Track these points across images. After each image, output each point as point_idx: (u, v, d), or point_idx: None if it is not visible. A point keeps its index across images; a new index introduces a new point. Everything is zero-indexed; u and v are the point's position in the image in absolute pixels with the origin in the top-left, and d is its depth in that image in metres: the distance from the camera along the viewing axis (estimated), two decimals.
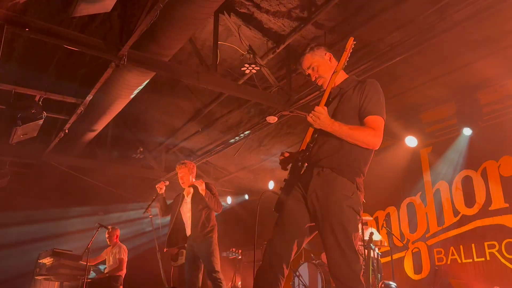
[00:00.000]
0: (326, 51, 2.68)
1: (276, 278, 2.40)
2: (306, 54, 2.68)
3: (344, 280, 2.25)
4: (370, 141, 2.41)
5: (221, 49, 5.42)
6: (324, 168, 2.43)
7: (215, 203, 4.79)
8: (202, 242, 4.74)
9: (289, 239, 2.46)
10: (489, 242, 5.69)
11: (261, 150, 8.63)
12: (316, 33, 5.19)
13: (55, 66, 5.88)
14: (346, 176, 2.40)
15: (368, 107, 2.45)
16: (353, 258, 2.27)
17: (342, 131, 2.38)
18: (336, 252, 2.28)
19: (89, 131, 6.82)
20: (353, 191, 2.39)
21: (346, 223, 2.31)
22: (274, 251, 2.45)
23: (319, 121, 2.37)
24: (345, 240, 2.28)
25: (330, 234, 2.31)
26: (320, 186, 2.41)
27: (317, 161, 2.46)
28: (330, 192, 2.37)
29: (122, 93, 5.56)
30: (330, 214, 2.33)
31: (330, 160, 2.43)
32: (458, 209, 6.18)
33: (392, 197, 7.16)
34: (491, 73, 5.27)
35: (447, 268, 6.06)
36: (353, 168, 2.43)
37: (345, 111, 2.48)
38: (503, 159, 5.76)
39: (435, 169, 6.63)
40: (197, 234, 4.75)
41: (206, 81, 5.22)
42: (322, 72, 2.63)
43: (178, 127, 7.99)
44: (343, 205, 2.33)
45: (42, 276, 5.93)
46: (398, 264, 6.71)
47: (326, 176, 2.41)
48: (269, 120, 6.41)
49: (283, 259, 2.43)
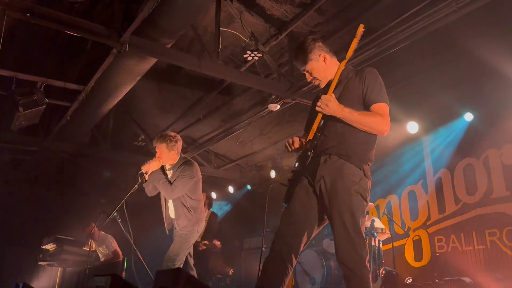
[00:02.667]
0: (320, 52, 2.61)
1: (285, 267, 2.43)
2: (301, 57, 2.65)
3: (349, 265, 2.28)
4: (379, 127, 2.44)
5: (223, 36, 5.39)
6: (332, 155, 2.45)
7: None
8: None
9: (299, 230, 2.48)
10: (490, 230, 5.71)
11: (263, 138, 8.63)
12: (319, 19, 5.16)
13: (56, 53, 5.85)
14: (354, 163, 2.42)
15: (373, 95, 2.47)
16: (359, 243, 2.29)
17: (352, 117, 2.40)
18: (344, 237, 2.31)
19: (91, 119, 6.82)
20: (361, 177, 2.42)
21: (354, 209, 2.33)
22: (283, 240, 2.47)
23: (328, 108, 2.38)
24: (352, 225, 2.31)
25: (338, 219, 2.33)
26: (327, 172, 2.43)
27: (325, 149, 2.48)
28: (338, 178, 2.39)
29: (123, 80, 5.55)
30: (338, 199, 2.35)
31: (338, 147, 2.45)
32: (460, 197, 6.19)
33: (393, 185, 7.17)
34: (495, 60, 5.24)
35: (448, 256, 6.10)
36: (360, 155, 2.46)
37: (349, 101, 2.49)
38: (506, 147, 5.76)
39: (436, 157, 6.64)
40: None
41: (207, 68, 5.20)
42: (316, 75, 2.64)
43: (179, 115, 7.99)
44: (351, 191, 2.36)
45: (45, 261, 6.00)
46: (399, 251, 6.75)
47: (334, 163, 2.44)
48: (271, 107, 6.39)
49: (292, 249, 2.45)
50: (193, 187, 4.14)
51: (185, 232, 4.11)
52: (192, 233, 4.13)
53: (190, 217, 4.09)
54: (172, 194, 4.04)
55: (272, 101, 6.33)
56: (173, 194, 4.04)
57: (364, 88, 2.49)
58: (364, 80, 2.50)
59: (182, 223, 4.12)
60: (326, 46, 2.66)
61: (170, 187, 3.99)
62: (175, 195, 4.04)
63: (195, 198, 4.13)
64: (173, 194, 4.04)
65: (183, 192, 4.07)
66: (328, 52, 2.64)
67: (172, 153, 4.13)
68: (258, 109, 6.89)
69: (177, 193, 4.03)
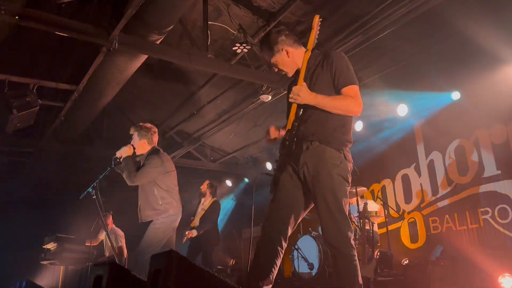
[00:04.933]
0: (283, 46, 2.67)
1: (275, 250, 2.52)
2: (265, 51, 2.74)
3: (335, 244, 2.38)
4: (353, 108, 2.53)
5: (212, 30, 5.43)
6: (313, 141, 2.54)
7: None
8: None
9: (286, 214, 2.57)
10: (483, 209, 5.83)
11: (257, 129, 8.70)
12: (306, 9, 5.20)
13: (47, 54, 5.88)
14: (334, 147, 2.52)
15: (341, 79, 2.55)
16: (343, 222, 2.39)
17: (325, 103, 2.49)
18: (328, 217, 2.40)
19: (85, 118, 6.86)
20: (341, 160, 2.52)
21: (336, 190, 2.43)
22: (272, 226, 2.56)
23: (300, 98, 2.48)
24: (335, 206, 2.40)
25: (321, 201, 2.43)
26: (310, 158, 2.52)
27: (306, 137, 2.57)
28: (319, 162, 2.49)
29: (115, 77, 5.59)
30: (321, 182, 2.45)
31: (317, 134, 2.55)
32: (452, 178, 6.30)
33: (387, 170, 7.28)
34: (484, 40, 5.29)
35: (442, 236, 6.22)
36: (339, 138, 2.56)
37: (320, 87, 2.57)
38: (495, 127, 5.86)
39: (428, 140, 6.73)
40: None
41: (198, 63, 5.26)
42: (281, 67, 2.75)
43: (173, 110, 8.04)
44: (332, 173, 2.45)
45: (47, 261, 6.08)
46: (395, 234, 6.87)
47: (315, 149, 2.53)
48: (263, 99, 6.47)
49: (281, 233, 2.54)
50: (161, 177, 4.13)
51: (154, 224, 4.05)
52: (163, 224, 4.05)
53: (157, 207, 4.06)
54: (131, 180, 4.04)
55: (264, 92, 6.40)
56: (132, 181, 4.04)
57: (332, 73, 2.58)
58: (331, 64, 2.57)
59: (146, 213, 4.10)
60: (290, 38, 2.70)
61: (131, 174, 4.02)
62: (135, 182, 4.04)
63: (165, 188, 4.11)
64: (132, 181, 4.04)
65: (144, 180, 4.07)
66: (292, 45, 2.69)
67: (143, 141, 4.23)
68: (250, 100, 6.96)
69: (137, 180, 4.03)
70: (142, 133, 4.24)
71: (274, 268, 2.50)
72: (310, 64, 2.65)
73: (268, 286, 2.49)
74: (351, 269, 2.37)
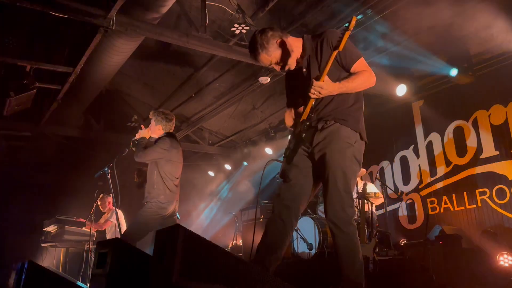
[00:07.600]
0: (275, 39, 2.54)
1: (285, 228, 2.51)
2: (261, 55, 2.56)
3: (337, 222, 2.38)
4: (370, 80, 2.51)
5: (210, 10, 5.36)
6: (328, 121, 2.49)
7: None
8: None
9: (297, 193, 2.55)
10: (480, 190, 5.86)
11: (256, 112, 8.67)
12: None
13: (43, 36, 5.81)
14: (350, 126, 2.49)
15: (347, 56, 2.49)
16: (347, 202, 2.39)
17: (347, 87, 2.45)
18: (334, 194, 2.39)
19: (82, 101, 6.82)
20: (356, 139, 2.49)
21: (347, 169, 2.41)
22: (283, 203, 2.54)
23: (324, 91, 2.39)
24: (343, 184, 2.39)
25: (331, 177, 2.41)
26: (324, 136, 2.48)
27: (321, 118, 2.52)
28: (334, 140, 2.45)
29: (112, 59, 5.54)
30: (333, 159, 2.42)
31: (334, 112, 2.50)
32: (450, 159, 6.32)
33: (385, 151, 7.30)
34: (479, 23, 5.26)
35: (441, 216, 6.27)
36: (355, 116, 2.53)
37: (331, 72, 2.45)
38: (493, 107, 5.86)
39: (427, 122, 6.74)
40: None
41: (196, 44, 5.20)
42: (283, 60, 2.57)
43: (171, 94, 8.00)
44: (346, 152, 2.43)
45: (48, 243, 6.09)
46: (393, 215, 6.93)
47: (330, 127, 2.49)
48: (261, 81, 6.42)
49: (292, 212, 2.53)
50: (164, 162, 4.15)
51: (142, 208, 4.08)
52: (150, 209, 4.04)
53: (151, 190, 4.09)
54: (137, 156, 4.12)
55: (262, 74, 6.36)
56: (137, 155, 4.11)
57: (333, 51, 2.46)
58: (332, 44, 2.46)
59: (145, 194, 4.16)
60: (276, 31, 2.58)
61: (139, 150, 4.11)
62: (139, 158, 4.10)
63: (163, 175, 4.13)
64: (137, 155, 4.11)
65: (148, 158, 4.12)
66: (282, 36, 2.57)
67: (158, 127, 4.30)
68: (249, 83, 6.92)
69: (141, 156, 4.09)
70: (159, 119, 4.30)
71: (283, 246, 2.50)
72: (308, 50, 2.57)
73: (276, 263, 2.50)
74: (352, 247, 2.38)
